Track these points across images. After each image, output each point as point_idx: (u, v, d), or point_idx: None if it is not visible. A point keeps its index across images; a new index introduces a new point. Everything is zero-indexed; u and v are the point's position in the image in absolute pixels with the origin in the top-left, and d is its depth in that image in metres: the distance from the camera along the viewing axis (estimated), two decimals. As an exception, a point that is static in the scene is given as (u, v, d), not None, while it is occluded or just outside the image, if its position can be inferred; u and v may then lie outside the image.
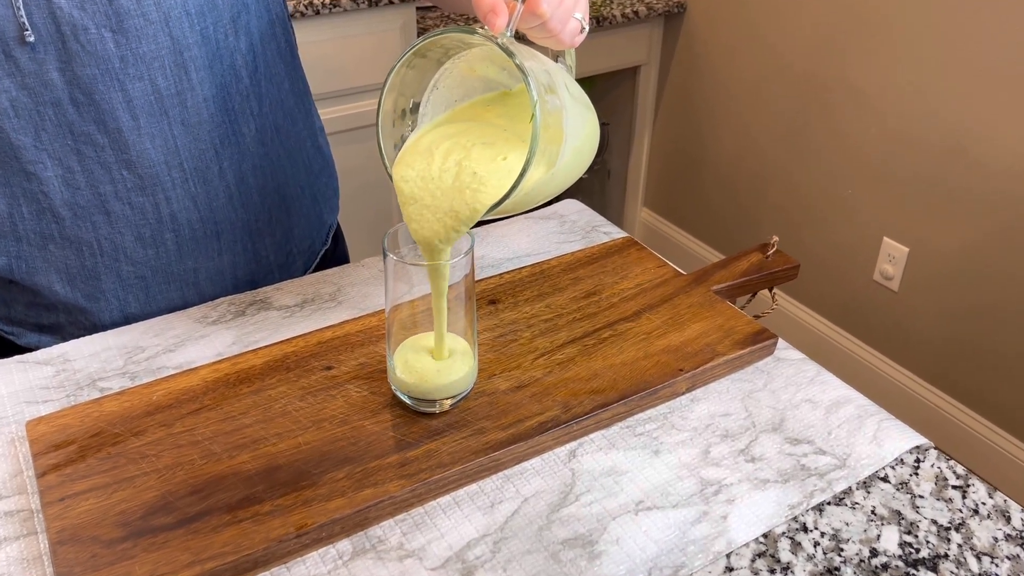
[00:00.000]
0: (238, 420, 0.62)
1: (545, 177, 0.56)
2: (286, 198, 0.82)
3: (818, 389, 0.68)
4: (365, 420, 0.62)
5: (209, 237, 0.76)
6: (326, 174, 0.89)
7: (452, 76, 0.59)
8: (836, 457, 0.62)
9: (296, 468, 0.58)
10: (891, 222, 1.78)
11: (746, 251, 0.82)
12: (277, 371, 0.66)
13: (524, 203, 0.57)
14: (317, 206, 0.87)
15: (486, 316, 0.73)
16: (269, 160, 0.78)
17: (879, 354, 1.90)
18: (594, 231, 0.89)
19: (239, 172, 0.75)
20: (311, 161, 0.85)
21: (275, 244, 0.82)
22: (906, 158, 1.72)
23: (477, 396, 0.64)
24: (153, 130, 0.68)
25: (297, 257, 0.86)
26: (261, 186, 0.78)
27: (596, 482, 0.59)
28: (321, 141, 0.88)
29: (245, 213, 0.77)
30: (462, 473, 0.58)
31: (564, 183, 0.60)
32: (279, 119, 0.78)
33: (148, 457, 0.58)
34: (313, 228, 0.87)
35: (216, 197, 0.74)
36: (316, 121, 0.87)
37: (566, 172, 0.59)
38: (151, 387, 0.64)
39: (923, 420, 1.81)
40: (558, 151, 0.55)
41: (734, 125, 2.10)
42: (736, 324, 0.72)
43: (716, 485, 0.60)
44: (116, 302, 0.75)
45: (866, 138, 1.78)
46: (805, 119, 1.91)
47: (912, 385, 1.83)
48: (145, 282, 0.75)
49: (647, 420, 0.65)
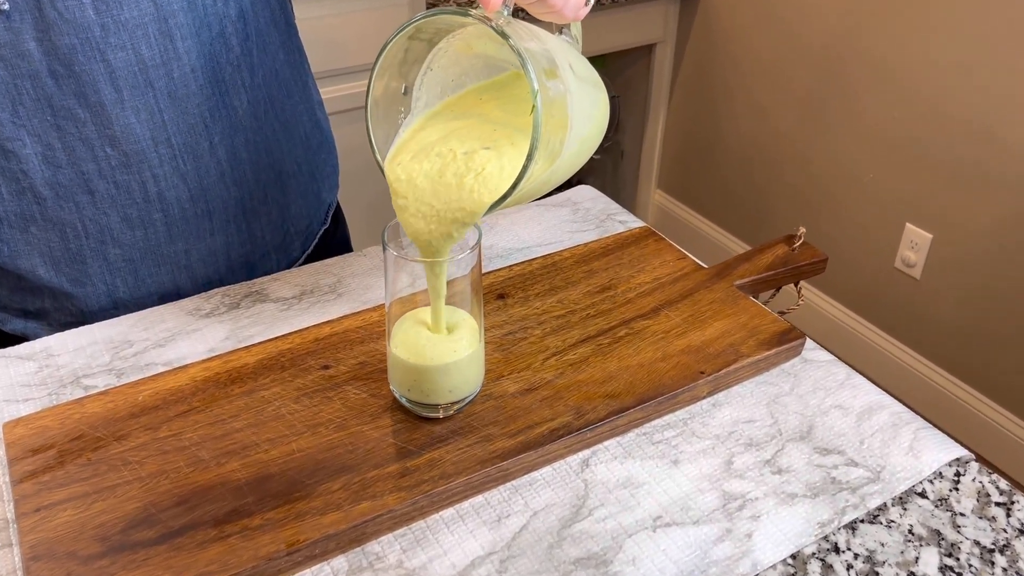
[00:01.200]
0: (228, 424, 0.58)
1: (549, 170, 0.51)
2: (282, 175, 0.77)
3: (849, 394, 0.64)
4: (364, 425, 0.58)
5: (200, 217, 0.71)
6: (325, 150, 0.84)
7: (447, 56, 0.54)
8: (869, 470, 0.58)
9: (289, 477, 0.54)
10: (914, 207, 1.72)
11: (771, 243, 0.77)
12: (271, 370, 0.62)
13: (527, 197, 0.53)
14: (315, 184, 0.83)
15: (494, 312, 0.69)
16: (263, 135, 0.73)
17: (899, 344, 1.85)
18: (609, 220, 0.85)
19: (231, 147, 0.71)
20: (309, 136, 0.80)
21: (271, 224, 0.78)
22: (931, 140, 1.66)
23: (484, 399, 0.60)
24: (137, 103, 0.64)
25: (294, 237, 0.82)
26: (255, 162, 0.73)
27: (611, 495, 0.55)
28: (320, 115, 0.83)
29: (238, 191, 0.73)
30: (467, 484, 0.54)
31: (569, 172, 0.56)
32: (273, 91, 0.74)
33: (131, 464, 0.55)
34: (311, 207, 0.83)
35: (207, 174, 0.70)
36: (314, 94, 0.83)
37: (571, 162, 0.54)
38: (137, 387, 0.61)
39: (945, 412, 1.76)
40: (563, 140, 0.51)
41: (751, 105, 2.04)
42: (761, 322, 0.68)
43: (740, 499, 0.55)
44: (103, 287, 0.71)
45: (889, 119, 1.72)
46: (825, 99, 1.84)
47: (934, 376, 1.78)
48: (133, 265, 0.71)
49: (665, 427, 0.61)
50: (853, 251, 1.87)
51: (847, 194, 1.86)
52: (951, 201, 1.65)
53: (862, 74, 1.75)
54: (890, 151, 1.74)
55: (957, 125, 1.61)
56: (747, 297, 0.71)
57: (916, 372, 1.82)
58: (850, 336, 1.94)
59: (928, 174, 1.68)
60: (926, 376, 1.80)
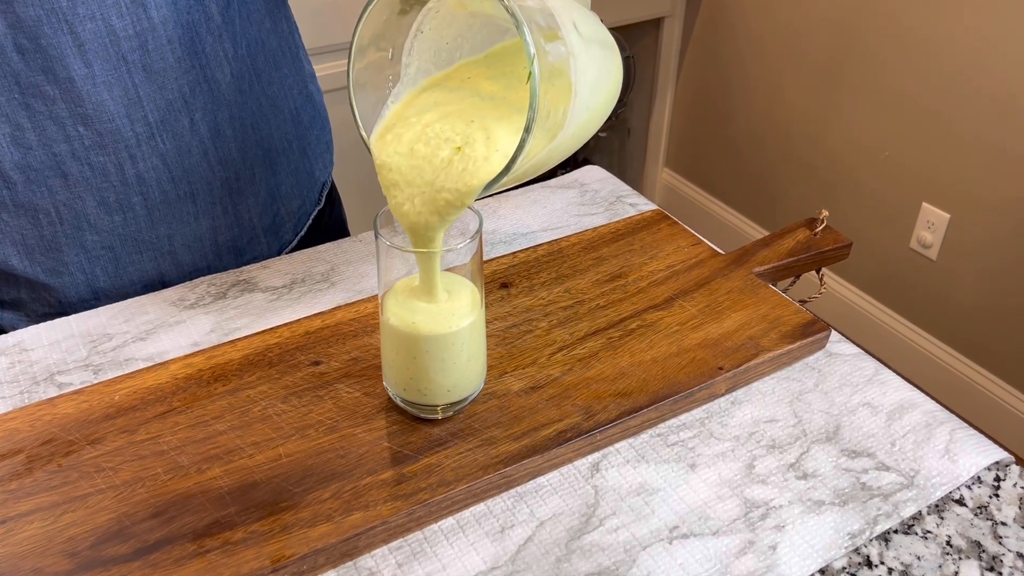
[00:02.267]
0: (211, 426, 0.54)
1: (551, 145, 0.47)
2: (271, 152, 0.72)
3: (878, 391, 0.59)
4: (356, 427, 0.54)
5: (183, 199, 0.67)
6: (317, 126, 0.79)
7: (440, 16, 0.49)
8: (902, 474, 0.53)
9: (275, 486, 0.50)
10: (931, 186, 1.67)
11: (791, 227, 0.73)
12: (258, 367, 0.58)
13: (527, 174, 0.48)
14: (307, 161, 0.78)
15: (496, 302, 0.64)
16: (249, 110, 0.69)
17: (915, 327, 1.80)
18: (619, 202, 0.80)
19: (214, 124, 0.66)
20: (299, 111, 0.76)
21: (259, 205, 0.73)
22: (951, 115, 1.60)
23: (485, 398, 0.56)
24: (110, 78, 0.59)
25: (286, 219, 0.77)
26: (241, 139, 0.69)
27: (623, 503, 0.51)
28: (312, 88, 0.78)
29: (223, 171, 0.68)
30: (468, 492, 0.50)
31: (576, 145, 0.51)
32: (260, 63, 0.69)
33: (105, 471, 0.50)
34: (303, 186, 0.78)
35: (188, 153, 0.65)
36: (306, 66, 0.78)
37: (578, 134, 0.49)
38: (113, 385, 0.56)
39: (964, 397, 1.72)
40: (566, 111, 0.46)
41: (763, 80, 1.98)
42: (782, 313, 0.63)
43: (763, 507, 0.51)
44: (82, 276, 0.67)
45: (907, 93, 1.66)
46: (840, 73, 1.79)
47: (950, 360, 1.74)
48: (113, 253, 0.67)
49: (681, 427, 0.56)
50: (867, 232, 1.82)
51: (861, 172, 1.80)
52: (970, 179, 1.60)
53: (880, 46, 1.69)
54: (907, 127, 1.68)
55: (979, 100, 1.55)
56: (767, 286, 0.66)
57: (934, 357, 1.77)
58: (863, 319, 1.89)
59: (947, 151, 1.62)
60: (944, 362, 1.76)
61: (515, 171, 0.44)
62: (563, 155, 0.50)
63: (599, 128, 0.52)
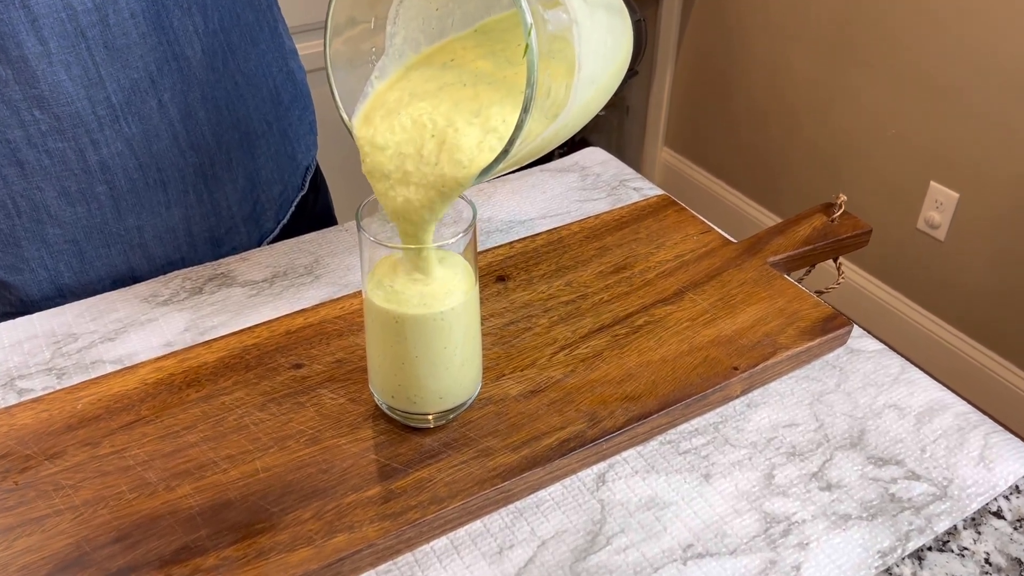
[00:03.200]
0: (181, 437, 0.49)
1: (554, 125, 0.42)
2: (249, 135, 0.67)
3: (905, 391, 0.55)
4: (341, 438, 0.49)
5: (152, 188, 0.62)
6: (299, 106, 0.74)
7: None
8: (934, 484, 0.49)
9: (251, 505, 0.45)
10: (940, 165, 1.62)
11: (806, 213, 0.68)
12: (234, 371, 0.54)
13: (529, 157, 0.43)
14: (288, 144, 0.73)
15: (493, 297, 0.60)
16: (223, 89, 0.63)
17: (921, 309, 1.76)
18: (622, 187, 0.75)
19: (184, 105, 0.61)
20: (279, 90, 0.70)
21: (238, 192, 0.68)
22: (962, 91, 1.55)
23: (482, 404, 0.51)
24: (68, 57, 0.54)
25: (267, 207, 0.72)
26: (215, 122, 0.64)
27: (632, 519, 0.47)
28: (293, 66, 0.73)
29: (196, 156, 0.63)
30: (463, 510, 0.46)
31: (580, 124, 0.46)
32: (234, 38, 0.64)
33: (64, 489, 0.46)
34: (285, 171, 0.73)
35: (157, 138, 0.60)
36: (286, 41, 0.72)
37: (583, 110, 0.44)
38: (76, 392, 0.52)
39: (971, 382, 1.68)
40: (569, 87, 0.41)
41: (766, 57, 1.92)
42: (800, 307, 0.59)
43: (784, 523, 0.47)
44: (44, 272, 0.62)
45: (917, 69, 1.61)
46: (845, 49, 1.73)
47: (958, 343, 1.70)
48: (78, 246, 0.62)
49: (693, 433, 0.52)
50: (873, 211, 1.77)
51: (868, 150, 1.75)
52: (981, 157, 1.55)
53: (889, 19, 1.64)
54: (916, 103, 1.63)
55: (991, 75, 1.50)
56: (783, 276, 0.62)
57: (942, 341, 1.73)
58: (867, 302, 1.85)
59: (956, 128, 1.57)
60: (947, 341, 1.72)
61: (513, 156, 0.40)
62: (567, 135, 0.45)
63: (608, 99, 0.47)
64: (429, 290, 0.45)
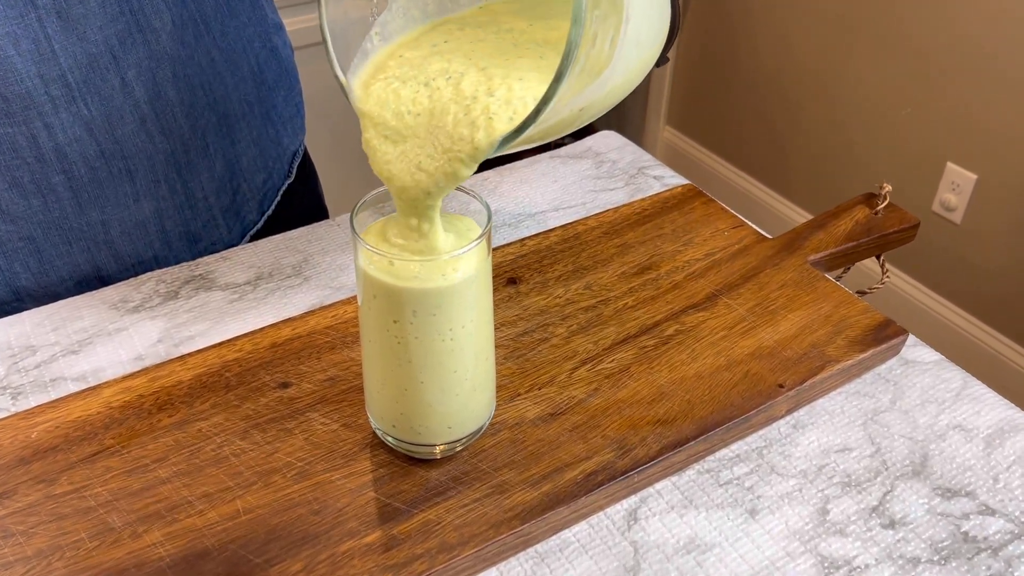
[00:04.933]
0: (151, 472, 0.43)
1: (593, 86, 0.35)
2: (227, 118, 0.60)
3: (970, 409, 0.49)
4: (334, 471, 0.43)
5: (118, 177, 0.55)
6: (284, 86, 0.67)
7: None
8: (1012, 520, 0.43)
9: (231, 555, 0.39)
10: (957, 145, 1.55)
11: (847, 205, 0.61)
12: (212, 391, 0.47)
13: (560, 128, 0.36)
14: (272, 128, 0.66)
15: (504, 303, 0.53)
16: (197, 66, 0.56)
17: (936, 295, 1.70)
18: (641, 175, 0.69)
19: (152, 84, 0.54)
20: (262, 68, 0.63)
21: (215, 181, 0.61)
22: (979, 67, 1.48)
23: (495, 429, 0.45)
24: (15, 28, 0.47)
25: (248, 197, 0.65)
26: (188, 103, 0.56)
27: (670, 564, 0.41)
28: (277, 41, 0.66)
29: (167, 142, 0.56)
30: (476, 558, 0.40)
31: (616, 98, 0.39)
32: (208, 9, 0.56)
33: (14, 536, 0.40)
34: (269, 157, 0.66)
35: (121, 121, 0.53)
36: (269, 15, 0.65)
37: (624, 80, 0.38)
38: (31, 417, 0.45)
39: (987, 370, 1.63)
40: (615, 41, 0.34)
41: (771, 30, 1.85)
42: (848, 312, 0.53)
43: (845, 568, 0.41)
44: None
45: (932, 43, 1.54)
46: (855, 22, 1.66)
47: (974, 331, 1.64)
48: (35, 244, 0.55)
49: (735, 459, 0.46)
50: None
51: (880, 129, 1.69)
52: (1000, 137, 1.48)
53: (900, -5, 1.57)
54: (931, 80, 1.56)
55: (1010, 50, 1.43)
56: (825, 278, 0.56)
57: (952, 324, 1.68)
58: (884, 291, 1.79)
59: (975, 106, 1.50)
60: (962, 328, 1.66)
61: (543, 122, 0.33)
62: (597, 111, 0.38)
63: (646, 73, 0.41)
64: (437, 266, 0.38)
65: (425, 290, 0.37)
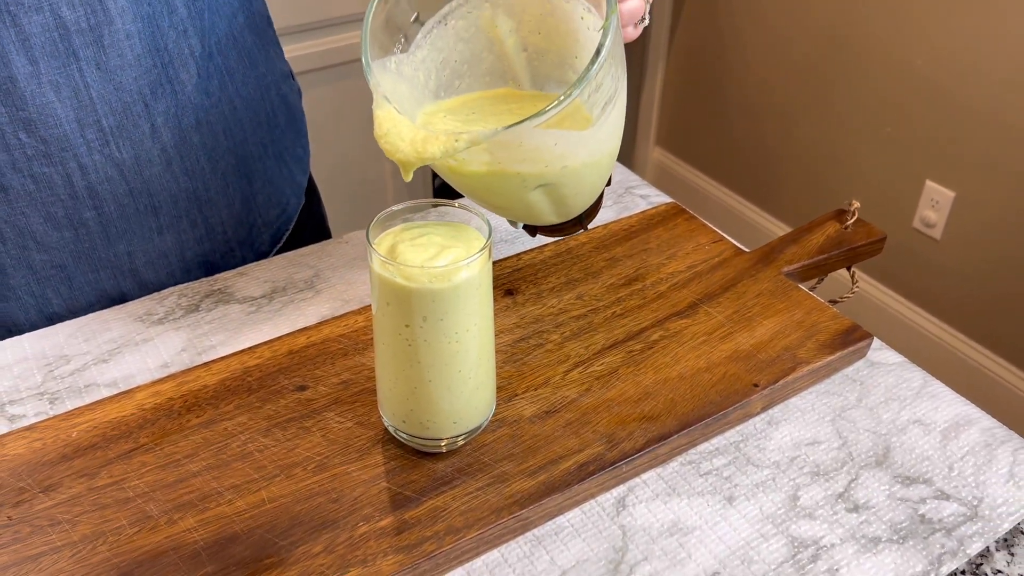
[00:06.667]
0: (183, 466, 0.47)
1: (575, 136, 0.44)
2: (245, 159, 0.65)
3: (929, 405, 0.54)
4: (349, 464, 0.47)
5: (143, 213, 0.60)
6: (294, 129, 0.72)
7: (466, 21, 0.45)
8: (964, 504, 0.48)
9: (258, 538, 0.43)
10: (935, 163, 1.61)
11: (819, 220, 0.66)
12: (236, 393, 0.51)
13: (534, 160, 0.43)
14: (285, 167, 0.71)
15: (502, 312, 0.58)
16: (220, 113, 0.61)
17: (917, 308, 1.75)
18: (628, 194, 0.73)
19: (178, 129, 0.58)
20: (276, 113, 0.68)
21: (233, 217, 0.66)
22: (956, 88, 1.54)
23: (495, 426, 0.49)
24: (58, 77, 0.52)
25: (263, 230, 0.70)
26: (210, 147, 0.61)
27: (655, 545, 0.45)
28: (285, 89, 0.71)
29: (190, 181, 0.61)
30: (479, 540, 0.44)
31: (585, 178, 0.49)
32: (231, 61, 0.61)
33: (60, 524, 0.44)
34: (282, 195, 0.71)
35: (149, 163, 0.58)
36: (280, 65, 0.70)
37: (594, 158, 0.48)
38: (70, 419, 0.50)
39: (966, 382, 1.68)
40: (605, 108, 0.41)
41: (758, 54, 1.91)
42: (819, 319, 0.57)
43: (812, 547, 0.45)
44: (31, 300, 0.60)
45: (910, 66, 1.60)
46: (841, 45, 1.72)
47: (954, 343, 1.69)
48: (66, 272, 0.59)
49: (714, 452, 0.50)
50: (869, 210, 1.76)
51: (863, 148, 1.74)
52: (976, 156, 1.54)
53: (882, 16, 1.63)
54: (910, 101, 1.62)
55: (985, 73, 1.49)
56: (799, 288, 0.60)
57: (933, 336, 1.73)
58: (863, 301, 1.85)
59: (952, 126, 1.56)
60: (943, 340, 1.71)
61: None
62: (571, 188, 0.47)
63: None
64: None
65: (434, 297, 0.42)
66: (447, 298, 0.42)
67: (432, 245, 0.43)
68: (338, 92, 1.56)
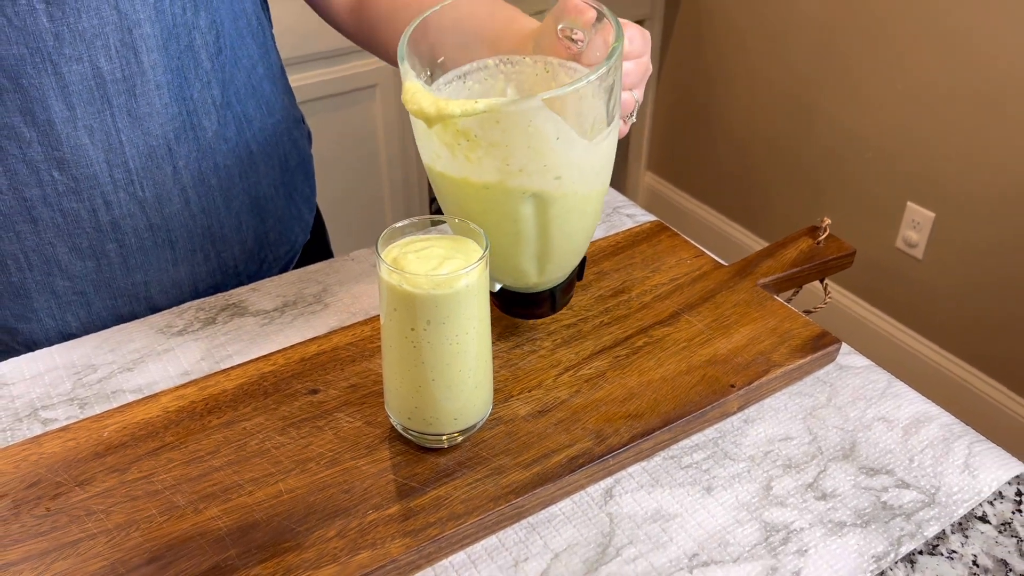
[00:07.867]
0: (206, 462, 0.51)
1: (580, 146, 0.48)
2: (258, 200, 0.70)
3: (892, 404, 0.58)
4: (359, 459, 0.51)
5: (161, 246, 0.64)
6: (303, 170, 0.77)
7: (482, 86, 0.53)
8: (923, 492, 0.52)
9: (276, 525, 0.47)
10: (916, 185, 1.67)
11: (793, 236, 0.71)
12: (253, 397, 0.56)
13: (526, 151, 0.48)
14: (294, 205, 0.76)
15: (496, 321, 0.62)
16: (236, 157, 0.66)
17: (902, 326, 1.80)
18: (616, 214, 0.78)
19: (198, 172, 0.63)
20: (287, 157, 0.73)
21: (245, 252, 0.71)
22: (934, 114, 1.60)
23: (492, 424, 0.54)
24: (92, 122, 0.57)
25: (272, 264, 0.75)
26: (226, 188, 0.66)
27: (640, 530, 0.49)
28: (297, 134, 0.76)
29: (206, 218, 0.66)
30: (479, 525, 0.48)
31: (582, 214, 0.54)
32: (250, 109, 0.67)
33: (95, 514, 0.48)
34: (291, 232, 0.76)
35: (169, 201, 0.63)
36: (295, 111, 0.75)
37: (590, 191, 0.53)
38: (101, 420, 0.54)
39: (950, 397, 1.72)
40: (611, 115, 0.50)
41: (745, 82, 1.98)
42: (791, 326, 0.62)
43: (783, 531, 0.50)
44: (52, 322, 0.64)
45: (890, 91, 1.66)
46: (823, 73, 1.78)
47: (938, 359, 1.74)
48: (85, 298, 0.64)
49: (694, 448, 0.55)
50: (853, 231, 1.82)
51: (846, 172, 1.80)
52: (955, 178, 1.60)
53: (863, 44, 1.69)
54: (892, 126, 1.68)
55: (963, 98, 1.55)
56: (773, 298, 0.65)
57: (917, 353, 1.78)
58: (849, 319, 1.89)
59: (931, 150, 1.62)
60: (927, 357, 1.76)
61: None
62: (566, 224, 0.52)
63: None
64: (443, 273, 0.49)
65: (437, 302, 0.46)
66: (448, 303, 0.46)
67: (434, 256, 0.47)
68: (340, 120, 1.62)
